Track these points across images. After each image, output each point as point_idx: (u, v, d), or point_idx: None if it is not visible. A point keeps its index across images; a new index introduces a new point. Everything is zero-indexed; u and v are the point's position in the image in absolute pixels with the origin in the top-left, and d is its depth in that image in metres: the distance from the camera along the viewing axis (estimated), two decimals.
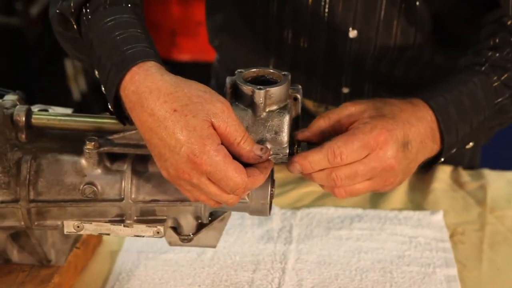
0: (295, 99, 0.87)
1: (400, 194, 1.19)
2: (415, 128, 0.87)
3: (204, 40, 1.34)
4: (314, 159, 0.83)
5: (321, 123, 0.88)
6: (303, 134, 0.88)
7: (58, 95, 2.43)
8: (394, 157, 0.84)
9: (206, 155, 0.77)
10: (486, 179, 1.22)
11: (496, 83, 0.96)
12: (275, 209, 1.13)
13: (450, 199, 1.18)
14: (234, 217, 1.10)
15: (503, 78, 0.96)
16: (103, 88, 0.84)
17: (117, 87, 0.81)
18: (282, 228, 1.10)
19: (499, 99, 0.96)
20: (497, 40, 0.99)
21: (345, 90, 1.15)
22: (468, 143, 0.96)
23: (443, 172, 1.23)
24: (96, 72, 0.85)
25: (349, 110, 0.87)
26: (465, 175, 1.24)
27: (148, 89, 0.79)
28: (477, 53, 0.99)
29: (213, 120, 0.78)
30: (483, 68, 0.96)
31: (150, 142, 0.80)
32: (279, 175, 1.18)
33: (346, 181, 0.84)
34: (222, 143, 0.79)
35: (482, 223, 1.13)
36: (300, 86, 0.88)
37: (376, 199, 1.19)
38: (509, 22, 0.99)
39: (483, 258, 1.06)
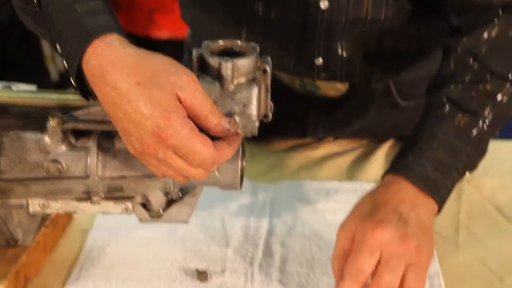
0: (264, 71, 0.85)
1: (376, 166, 1.18)
2: (399, 201, 0.88)
3: None
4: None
5: (335, 268, 0.88)
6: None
7: (35, 76, 2.39)
8: (400, 236, 0.85)
9: (172, 129, 0.76)
10: None
11: (465, 119, 0.94)
12: (247, 183, 1.11)
13: None
14: (206, 192, 1.08)
15: (471, 108, 0.95)
16: (65, 63, 0.82)
17: (79, 61, 0.79)
18: (256, 202, 1.09)
19: (474, 132, 0.94)
20: (455, 66, 0.97)
21: (318, 62, 1.13)
22: (463, 177, 0.96)
23: None
24: (58, 47, 0.83)
25: (342, 236, 0.88)
26: None
27: (111, 62, 0.77)
28: (438, 90, 0.97)
29: (178, 93, 0.76)
30: (446, 110, 0.95)
31: (114, 117, 0.78)
32: (254, 150, 1.18)
33: (397, 282, 0.84)
34: (188, 117, 0.77)
35: (459, 192, 1.12)
36: (269, 58, 0.86)
37: (352, 171, 1.18)
38: None
39: (460, 228, 1.05)
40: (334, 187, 1.12)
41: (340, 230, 0.89)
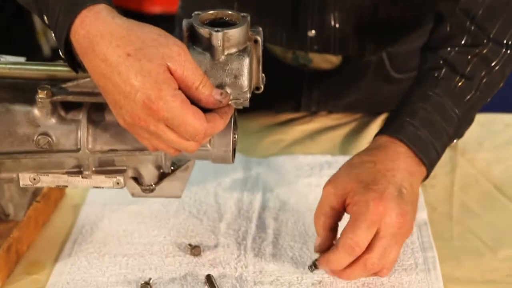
0: (256, 41, 0.84)
1: (370, 140, 1.17)
2: (397, 170, 0.88)
3: None
4: (337, 259, 0.85)
5: (320, 225, 0.88)
6: (318, 248, 0.88)
7: (28, 51, 2.36)
8: (400, 213, 0.85)
9: (163, 100, 0.75)
10: None
11: (460, 83, 0.94)
12: (240, 157, 1.11)
13: None
14: (199, 167, 1.08)
15: (466, 73, 0.94)
16: (53, 35, 0.81)
17: (67, 32, 0.77)
18: (249, 177, 1.08)
19: (468, 97, 0.94)
20: (451, 28, 0.96)
21: (311, 34, 1.12)
22: (451, 143, 0.96)
23: None
24: (45, 18, 0.82)
25: (332, 193, 0.88)
26: None
27: (100, 33, 0.75)
28: (433, 52, 0.96)
29: (169, 64, 0.75)
30: (442, 72, 0.94)
31: (104, 89, 0.77)
32: (246, 124, 1.17)
33: (382, 261, 0.84)
34: (179, 88, 0.76)
35: (453, 166, 1.12)
36: (260, 28, 0.84)
37: (346, 145, 1.17)
38: None
39: (453, 201, 1.05)
40: (327, 161, 1.11)
41: (330, 186, 0.88)
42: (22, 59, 0.89)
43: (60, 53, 0.81)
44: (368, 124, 1.21)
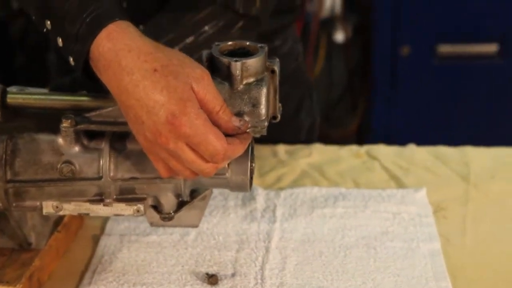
0: (273, 71, 0.86)
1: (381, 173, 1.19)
2: None
3: None
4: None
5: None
6: None
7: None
8: None
9: (187, 116, 0.75)
10: (469, 156, 1.23)
11: None
12: (258, 190, 1.12)
13: (434, 176, 1.18)
14: (217, 199, 1.10)
15: None
16: (59, 42, 0.80)
17: (89, 44, 0.77)
18: (266, 208, 1.09)
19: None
20: None
21: None
22: None
23: (425, 151, 1.24)
24: (47, 22, 0.81)
25: None
26: (447, 152, 1.24)
27: (127, 47, 0.77)
28: None
29: (193, 84, 0.76)
30: None
31: (125, 104, 0.77)
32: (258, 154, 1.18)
33: None
34: None
35: (466, 198, 1.13)
36: (277, 59, 0.87)
37: (357, 180, 1.18)
38: None
39: (466, 232, 1.06)
40: (341, 193, 1.13)
41: None
42: (45, 90, 0.92)
43: (71, 61, 0.80)
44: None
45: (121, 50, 0.76)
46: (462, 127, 2.17)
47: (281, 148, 1.24)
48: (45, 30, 0.83)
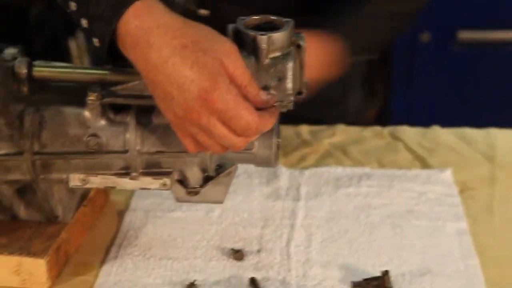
0: (298, 46, 0.86)
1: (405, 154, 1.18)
2: None
3: None
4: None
5: None
6: None
7: None
8: None
9: (218, 91, 0.75)
10: (495, 137, 1.22)
11: None
12: (282, 169, 1.12)
13: (459, 156, 1.17)
14: (241, 177, 1.09)
15: None
16: (84, 23, 0.80)
17: (116, 22, 0.77)
18: (290, 187, 1.09)
19: None
20: None
21: None
22: None
23: (449, 132, 1.23)
24: (73, 4, 0.81)
25: None
26: (472, 133, 1.23)
27: (156, 23, 0.76)
28: None
29: (223, 59, 0.76)
30: None
31: (153, 81, 0.77)
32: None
33: None
34: None
35: (493, 179, 1.12)
36: (303, 34, 0.87)
37: (382, 160, 1.18)
38: None
39: (494, 213, 1.05)
40: (366, 173, 1.12)
41: None
42: (71, 64, 0.92)
43: (95, 43, 0.79)
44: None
45: (150, 27, 0.76)
46: (483, 115, 2.15)
47: (304, 129, 1.24)
48: (69, 11, 0.83)
